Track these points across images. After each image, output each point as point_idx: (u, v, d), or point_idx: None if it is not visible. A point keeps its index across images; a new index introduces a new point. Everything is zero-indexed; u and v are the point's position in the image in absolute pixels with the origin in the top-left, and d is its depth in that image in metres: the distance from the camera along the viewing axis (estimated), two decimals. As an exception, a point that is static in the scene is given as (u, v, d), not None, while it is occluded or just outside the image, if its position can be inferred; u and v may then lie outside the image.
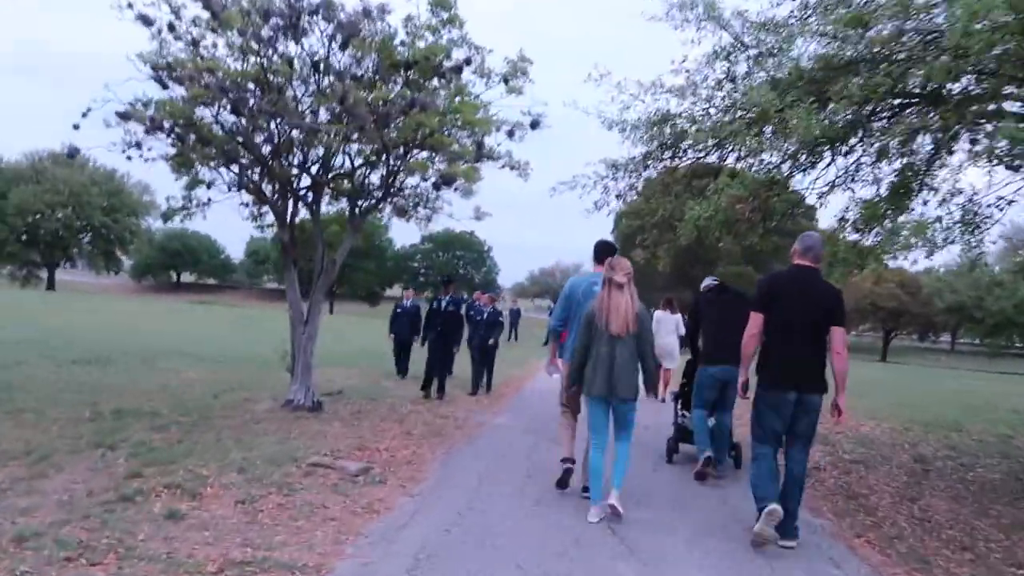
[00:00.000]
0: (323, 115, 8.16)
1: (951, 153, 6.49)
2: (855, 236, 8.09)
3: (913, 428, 11.15)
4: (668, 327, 12.14)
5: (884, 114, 6.15)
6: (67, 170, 58.32)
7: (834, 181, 6.85)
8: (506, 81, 8.40)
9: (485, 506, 5.28)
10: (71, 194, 57.79)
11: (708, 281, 7.45)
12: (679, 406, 7.66)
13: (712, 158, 8.07)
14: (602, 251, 6.00)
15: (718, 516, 5.58)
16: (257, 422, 7.74)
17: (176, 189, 8.64)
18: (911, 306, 52.93)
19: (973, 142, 7.12)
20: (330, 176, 8.76)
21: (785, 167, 6.62)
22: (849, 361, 5.06)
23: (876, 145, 6.13)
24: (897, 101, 6.40)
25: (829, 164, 6.79)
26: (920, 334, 63.60)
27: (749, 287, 8.53)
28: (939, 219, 5.69)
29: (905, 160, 6.23)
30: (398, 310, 13.43)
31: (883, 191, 6.50)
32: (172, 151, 7.81)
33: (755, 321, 4.93)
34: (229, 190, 8.31)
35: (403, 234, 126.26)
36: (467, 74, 8.67)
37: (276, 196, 8.79)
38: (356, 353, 18.02)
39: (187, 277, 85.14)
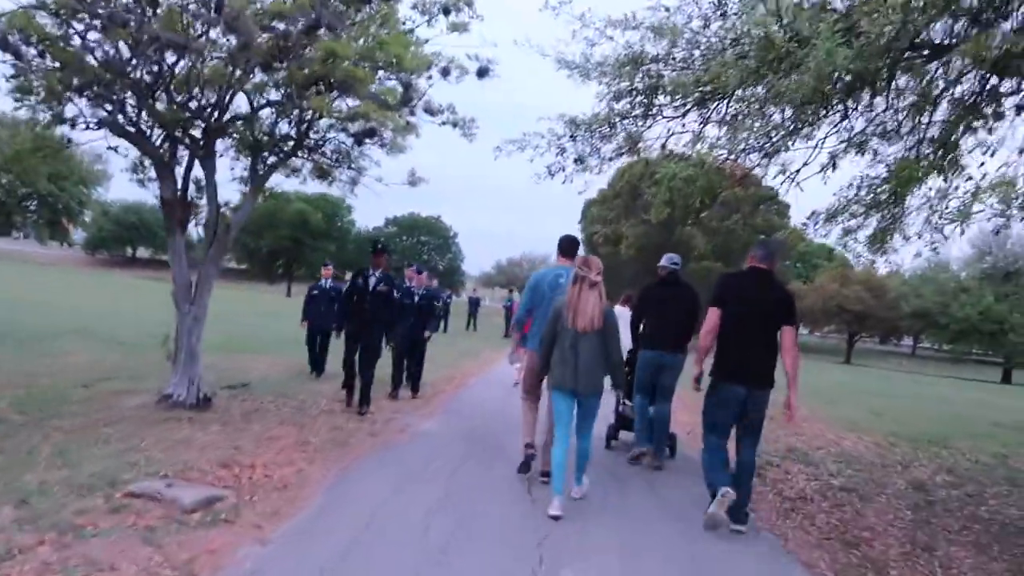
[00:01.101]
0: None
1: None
2: (855, 221, 6.77)
3: (898, 444, 9.95)
4: (626, 323, 11.09)
5: (916, 60, 4.74)
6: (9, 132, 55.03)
7: (850, 138, 5.40)
8: (446, 12, 6.85)
9: (364, 561, 3.78)
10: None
11: (666, 262, 7.16)
12: (621, 395, 7.35)
13: (692, 117, 6.63)
14: (567, 245, 6.12)
15: (682, 567, 4.16)
16: (111, 423, 6.13)
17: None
18: (877, 309, 52.58)
19: (998, 115, 5.78)
20: (225, 120, 7.11)
21: (787, 123, 5.14)
22: (800, 359, 5.20)
23: (913, 88, 4.74)
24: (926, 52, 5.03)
25: (844, 119, 5.37)
26: (881, 337, 63.40)
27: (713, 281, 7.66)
28: (1011, 182, 4.26)
29: (955, 106, 4.84)
30: (314, 292, 10.88)
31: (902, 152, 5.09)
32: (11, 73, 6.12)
33: (712, 316, 5.07)
34: (87, 128, 6.62)
35: (366, 216, 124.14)
36: (404, 8, 7.15)
37: (161, 142, 7.16)
38: (290, 339, 16.35)
39: (144, 252, 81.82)
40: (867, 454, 8.88)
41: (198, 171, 7.50)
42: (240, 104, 7.24)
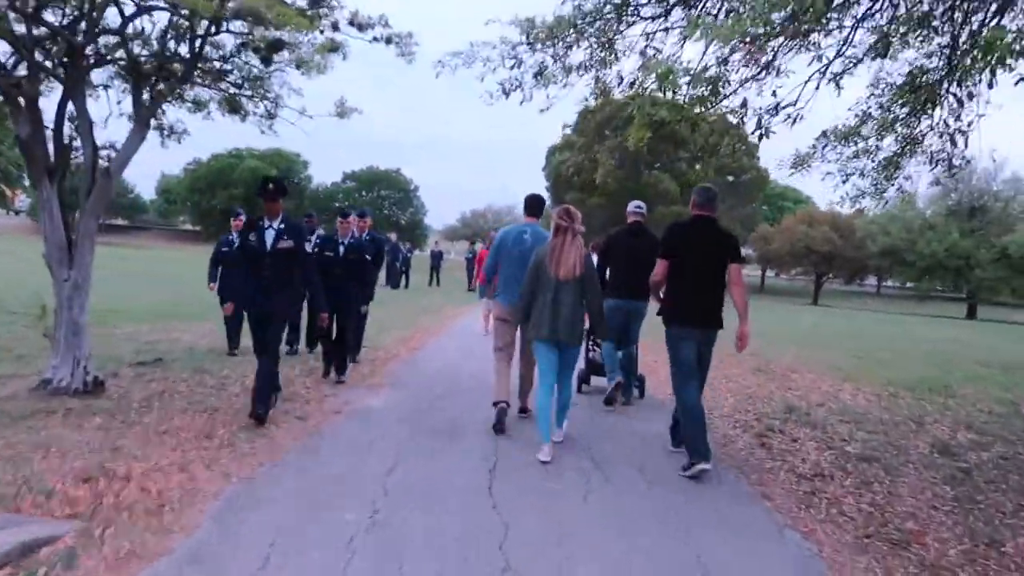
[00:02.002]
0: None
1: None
2: (866, 143, 5.67)
3: (899, 393, 9.07)
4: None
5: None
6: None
7: (886, 29, 4.15)
8: None
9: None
10: (-58, 120, 51.00)
11: (633, 207, 7.38)
12: (591, 342, 7.84)
13: (677, 16, 5.35)
14: (533, 204, 6.38)
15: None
16: (-44, 423, 4.82)
17: None
18: (844, 249, 52.45)
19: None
20: (94, 35, 5.64)
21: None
22: (747, 293, 5.34)
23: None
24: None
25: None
26: (847, 278, 63.30)
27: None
28: None
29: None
30: (224, 248, 8.62)
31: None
32: None
33: (661, 266, 5.28)
34: None
35: (323, 171, 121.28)
36: None
37: (14, 67, 5.70)
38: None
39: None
40: (872, 408, 7.93)
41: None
42: (113, 18, 5.77)
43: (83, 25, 5.67)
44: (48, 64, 5.91)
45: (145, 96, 5.97)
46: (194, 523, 3.52)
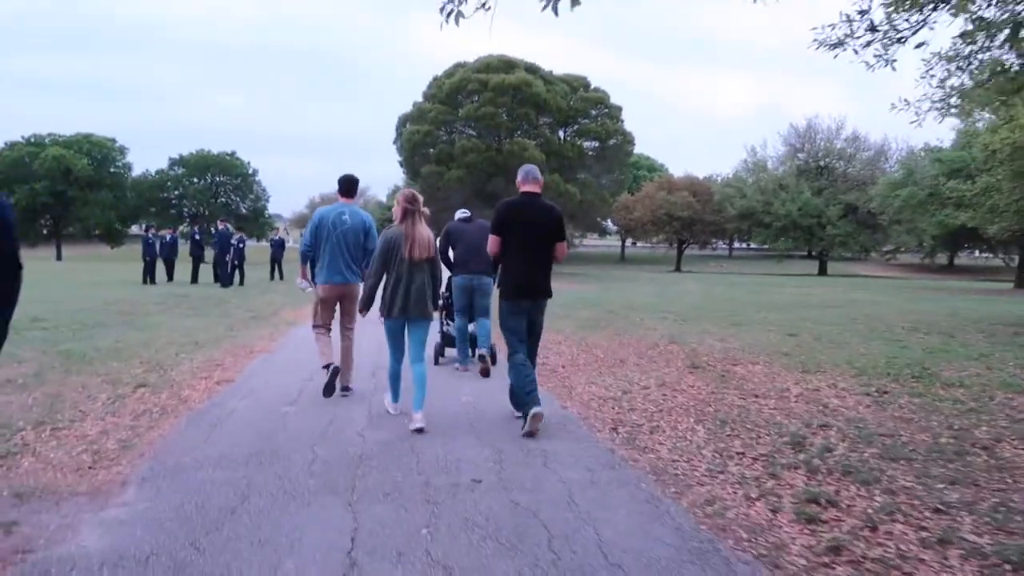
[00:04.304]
0: None
1: None
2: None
3: (887, 387, 7.16)
4: None
5: None
6: None
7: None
8: None
9: None
10: None
11: (460, 214, 8.40)
12: (443, 316, 8.52)
13: None
14: (349, 185, 6.65)
15: None
16: None
17: None
18: (703, 214, 52.72)
19: None
20: None
21: None
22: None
23: None
24: None
25: None
26: (702, 243, 64.34)
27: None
28: None
29: None
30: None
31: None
32: None
33: (493, 242, 5.69)
34: None
35: (145, 158, 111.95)
36: None
37: None
38: (57, 315, 10.87)
39: None
40: (887, 422, 5.67)
41: None
42: None
43: None
44: None
45: None
46: None
